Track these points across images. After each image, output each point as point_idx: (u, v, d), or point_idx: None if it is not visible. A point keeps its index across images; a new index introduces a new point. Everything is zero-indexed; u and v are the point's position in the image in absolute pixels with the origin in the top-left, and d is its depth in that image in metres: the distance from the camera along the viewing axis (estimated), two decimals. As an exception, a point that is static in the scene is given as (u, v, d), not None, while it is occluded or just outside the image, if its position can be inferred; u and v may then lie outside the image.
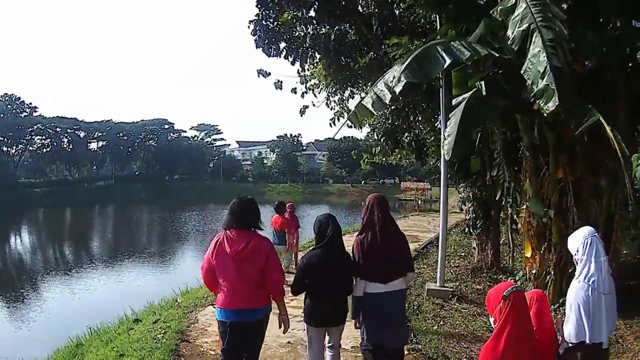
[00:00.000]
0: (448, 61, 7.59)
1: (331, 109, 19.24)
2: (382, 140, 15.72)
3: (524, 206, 9.64)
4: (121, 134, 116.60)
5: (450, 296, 10.93)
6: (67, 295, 22.78)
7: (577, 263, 4.58)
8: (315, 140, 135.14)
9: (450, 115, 7.92)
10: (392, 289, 5.84)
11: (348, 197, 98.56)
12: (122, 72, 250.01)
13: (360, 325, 6.04)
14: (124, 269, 28.74)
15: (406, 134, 14.62)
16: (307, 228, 20.43)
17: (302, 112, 18.87)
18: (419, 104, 11.92)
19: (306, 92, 18.38)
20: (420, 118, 12.90)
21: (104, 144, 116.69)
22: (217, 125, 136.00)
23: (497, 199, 11.42)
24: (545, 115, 7.03)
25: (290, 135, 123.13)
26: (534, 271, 9.60)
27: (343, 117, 17.98)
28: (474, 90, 7.99)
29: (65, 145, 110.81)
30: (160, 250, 37.13)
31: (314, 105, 18.82)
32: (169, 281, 21.25)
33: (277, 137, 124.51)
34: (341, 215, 60.06)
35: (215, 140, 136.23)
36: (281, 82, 16.81)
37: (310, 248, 6.34)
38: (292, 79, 19.05)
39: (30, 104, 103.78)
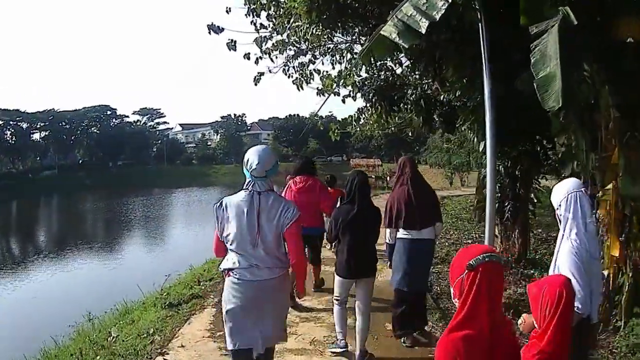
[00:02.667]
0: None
1: (289, 76, 16.35)
2: (373, 100, 12.30)
3: (610, 186, 6.48)
4: (63, 123, 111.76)
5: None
6: (5, 306, 18.95)
7: (559, 220, 4.06)
8: (260, 119, 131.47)
9: (533, 48, 4.87)
10: (422, 236, 6.53)
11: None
12: (63, 59, 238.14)
13: (392, 268, 6.91)
14: (69, 267, 25.12)
15: (411, 90, 11.35)
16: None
17: (256, 81, 15.78)
18: (452, 44, 7.96)
19: (261, 58, 15.33)
20: (449, 66, 8.96)
21: (46, 134, 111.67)
22: (159, 109, 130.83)
23: (567, 174, 8.18)
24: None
25: (235, 115, 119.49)
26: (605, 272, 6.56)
27: (304, 85, 15.38)
28: (558, 18, 4.91)
29: (8, 138, 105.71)
30: (106, 243, 33.10)
31: (270, 71, 15.79)
32: (113, 281, 19.79)
33: (221, 117, 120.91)
34: (290, 194, 58.20)
35: (158, 124, 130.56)
36: (235, 42, 13.51)
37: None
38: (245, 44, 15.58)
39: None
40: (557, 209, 4.03)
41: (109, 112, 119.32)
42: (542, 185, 11.20)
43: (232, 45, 13.37)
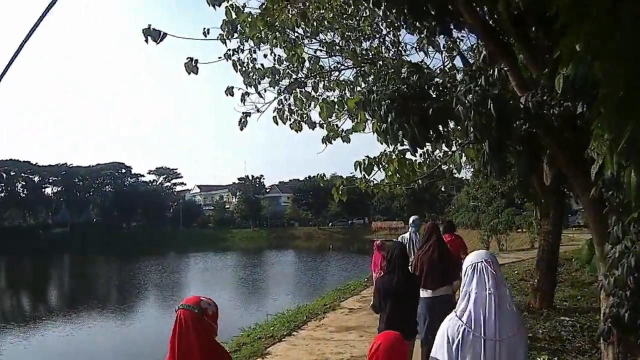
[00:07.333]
0: None
1: (285, 120, 12.77)
2: (389, 120, 6.29)
3: None
4: (77, 179, 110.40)
5: None
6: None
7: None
8: (280, 182, 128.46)
9: None
10: (441, 293, 7.54)
11: (315, 241, 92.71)
12: (77, 113, 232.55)
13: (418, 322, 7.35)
14: (77, 341, 22.40)
15: (467, 87, 5.77)
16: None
17: (242, 124, 12.14)
18: None
19: (247, 94, 11.78)
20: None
21: (59, 189, 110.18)
22: (176, 169, 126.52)
23: None
24: None
25: (252, 177, 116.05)
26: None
27: (302, 126, 12.73)
28: None
29: (19, 190, 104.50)
30: (113, 313, 29.22)
31: (258, 110, 12.19)
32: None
33: (238, 179, 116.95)
34: (307, 260, 57.93)
35: (175, 184, 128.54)
36: (196, 61, 9.70)
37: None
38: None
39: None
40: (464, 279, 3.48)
41: (123, 171, 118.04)
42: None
43: (192, 67, 9.53)
